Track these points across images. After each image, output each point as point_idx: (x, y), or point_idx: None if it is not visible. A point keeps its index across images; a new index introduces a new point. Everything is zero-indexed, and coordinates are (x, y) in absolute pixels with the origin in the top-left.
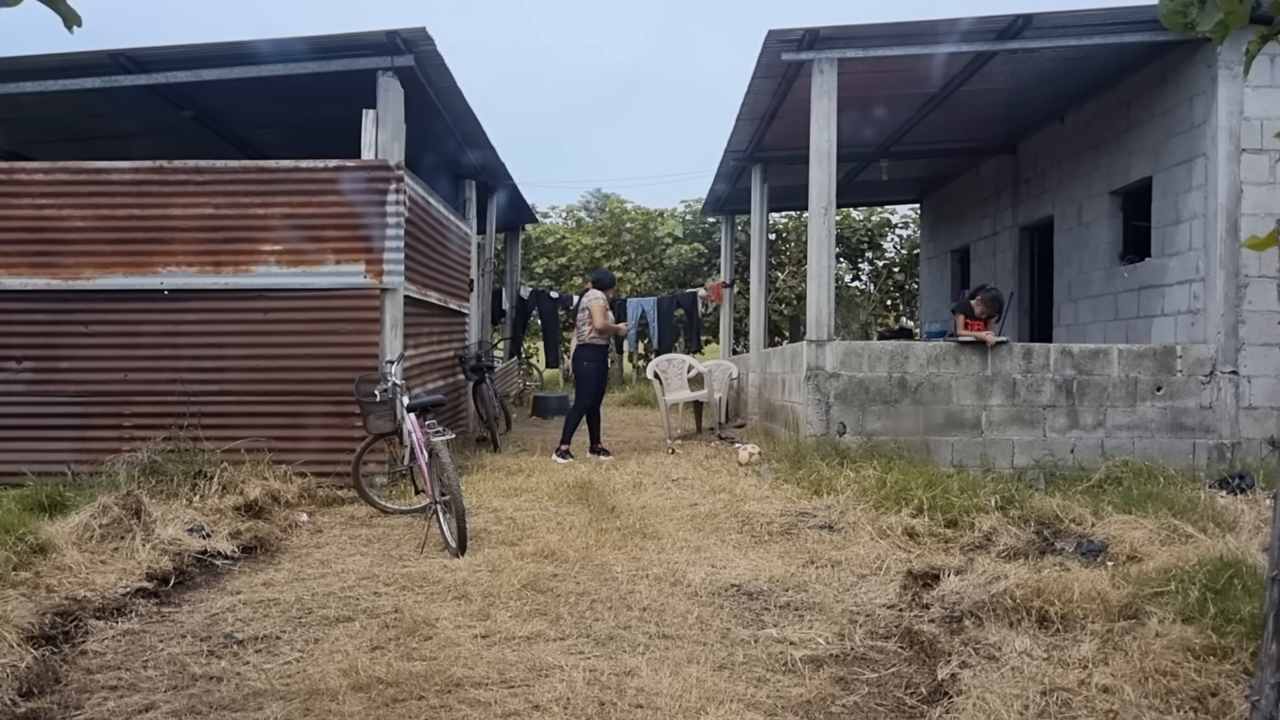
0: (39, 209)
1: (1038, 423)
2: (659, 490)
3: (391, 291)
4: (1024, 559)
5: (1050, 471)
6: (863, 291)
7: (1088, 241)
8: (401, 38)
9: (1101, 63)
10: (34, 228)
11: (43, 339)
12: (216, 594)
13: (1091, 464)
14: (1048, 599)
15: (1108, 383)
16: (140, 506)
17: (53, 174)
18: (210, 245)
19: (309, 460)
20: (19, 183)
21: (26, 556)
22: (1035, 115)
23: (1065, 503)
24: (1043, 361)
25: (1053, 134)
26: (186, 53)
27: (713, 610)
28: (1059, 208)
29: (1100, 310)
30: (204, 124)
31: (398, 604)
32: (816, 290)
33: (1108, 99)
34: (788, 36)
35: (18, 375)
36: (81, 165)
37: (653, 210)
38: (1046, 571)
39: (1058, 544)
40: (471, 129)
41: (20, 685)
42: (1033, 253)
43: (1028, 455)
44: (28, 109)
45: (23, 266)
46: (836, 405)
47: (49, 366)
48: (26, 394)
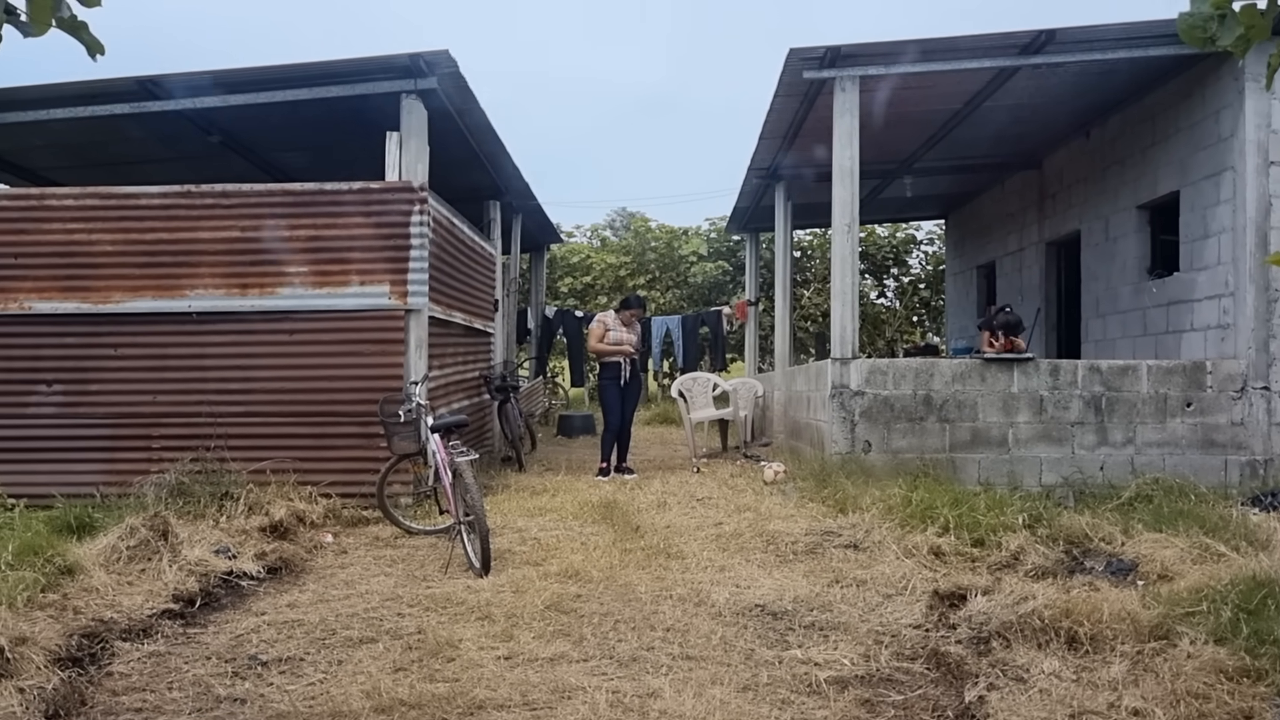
0: (69, 233)
1: (1066, 440)
2: (684, 509)
3: (416, 312)
4: (1052, 578)
5: (1079, 489)
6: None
7: (1115, 256)
8: (425, 60)
9: (1126, 77)
10: (65, 252)
11: (73, 361)
12: (242, 615)
13: (1121, 481)
14: (1077, 619)
15: (1137, 399)
16: (167, 528)
17: (83, 199)
18: (237, 268)
19: (334, 481)
20: (50, 208)
21: (55, 578)
22: (1060, 130)
23: (1094, 521)
24: (1070, 378)
25: (1078, 149)
26: (213, 78)
27: (737, 630)
28: (1086, 223)
29: (1129, 326)
30: (230, 148)
31: (421, 625)
32: (840, 308)
33: (1133, 113)
34: (809, 55)
35: (48, 398)
36: (111, 190)
37: (677, 228)
38: (1075, 591)
39: (1087, 563)
40: (495, 149)
41: (47, 707)
42: (1059, 268)
43: (1056, 473)
44: (58, 135)
45: (53, 290)
46: (862, 423)
47: (79, 389)
48: (57, 416)
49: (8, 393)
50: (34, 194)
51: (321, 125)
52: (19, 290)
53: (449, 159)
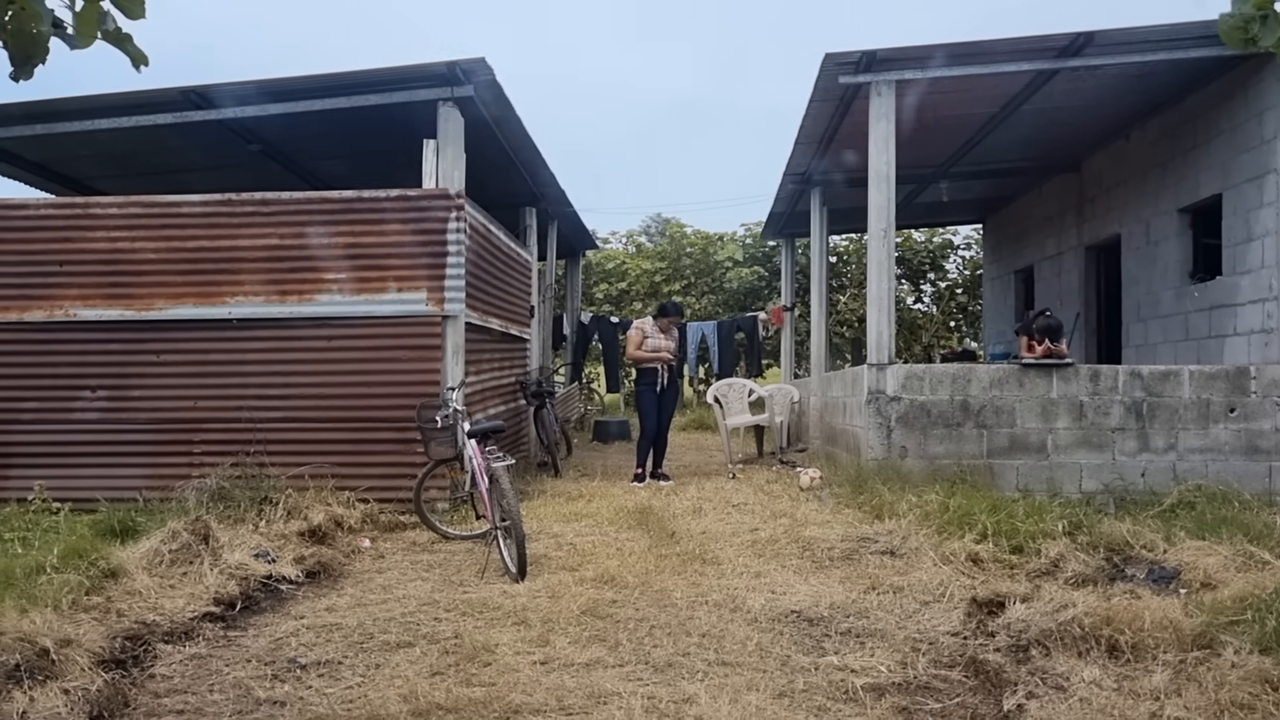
0: (113, 242)
1: (1106, 446)
2: (719, 515)
3: (453, 319)
4: (1093, 586)
5: (1120, 496)
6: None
7: (1156, 260)
8: (461, 68)
9: (1167, 79)
10: (109, 260)
11: (116, 368)
12: (281, 618)
13: (1163, 488)
14: (1118, 627)
15: (1179, 404)
16: (208, 532)
17: (126, 208)
18: (276, 275)
19: (371, 486)
20: (95, 216)
21: (98, 581)
22: (1099, 133)
23: (1135, 528)
24: (1111, 383)
25: (1118, 151)
26: (254, 88)
27: (772, 637)
28: (1126, 226)
29: (1170, 330)
30: (270, 157)
31: (458, 629)
32: (877, 313)
33: (1174, 115)
34: (845, 59)
35: (93, 403)
36: (154, 199)
37: (712, 234)
38: (1116, 599)
39: (1128, 571)
40: (530, 156)
41: (91, 708)
42: (1099, 272)
43: (1096, 479)
44: (103, 145)
45: (98, 298)
46: (898, 429)
47: (122, 395)
48: (101, 421)
49: (54, 398)
50: (79, 203)
51: (360, 133)
52: (65, 298)
53: (485, 166)
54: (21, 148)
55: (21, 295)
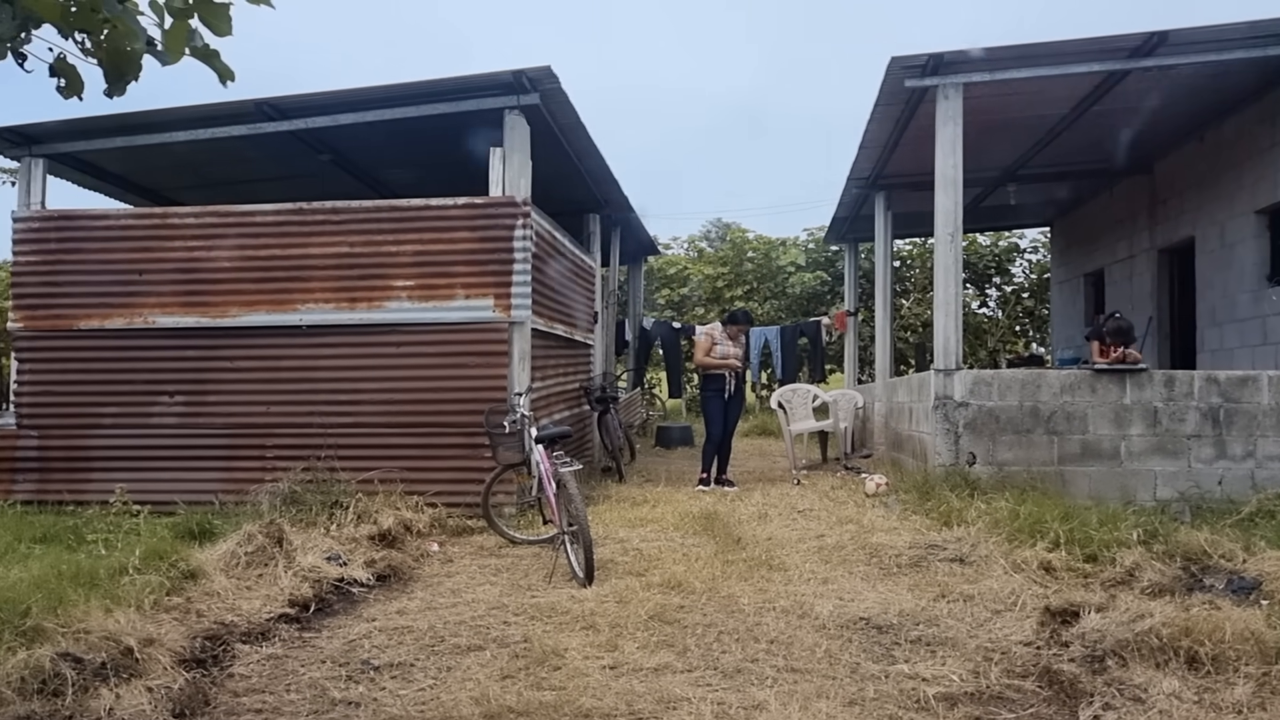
0: (190, 251)
1: (1181, 453)
2: (785, 521)
3: (519, 325)
4: (1170, 596)
5: (1196, 504)
6: (990, 318)
7: (1232, 263)
8: (527, 77)
9: (1243, 77)
10: (185, 268)
11: (193, 374)
12: (353, 621)
13: (1241, 496)
14: (1197, 639)
15: (1257, 411)
16: (282, 535)
17: (203, 217)
18: (346, 282)
19: (440, 491)
20: (172, 226)
21: (178, 582)
22: (1173, 134)
23: (1213, 537)
24: (1186, 389)
25: (1192, 152)
26: (325, 99)
27: (841, 644)
28: (1200, 229)
29: (1247, 335)
30: (339, 166)
31: (527, 633)
32: (944, 318)
33: (1251, 114)
34: (911, 63)
35: (170, 408)
36: (229, 209)
37: (774, 239)
38: (1195, 610)
39: (1206, 581)
40: (595, 163)
41: (173, 706)
42: (1172, 276)
43: (1171, 487)
44: (180, 156)
45: (175, 305)
46: (966, 435)
47: (198, 400)
48: (178, 426)
49: (133, 403)
50: (158, 213)
51: (427, 142)
52: (144, 305)
53: (550, 173)
54: (104, 160)
55: (103, 303)
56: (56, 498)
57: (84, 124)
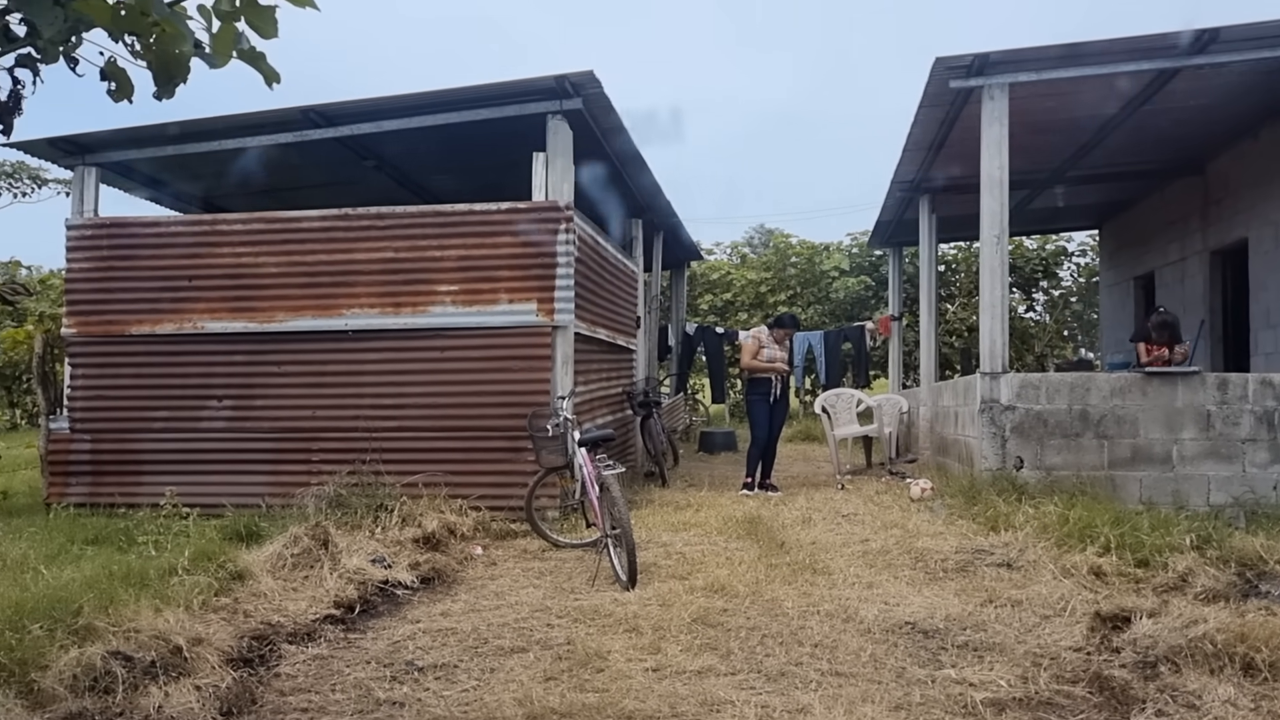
0: (238, 257)
1: (1236, 457)
2: (829, 525)
3: (562, 329)
4: (1224, 602)
5: (1250, 509)
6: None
7: None
8: (570, 82)
9: None
10: (233, 274)
11: (241, 378)
12: (398, 622)
13: None
14: (1253, 645)
15: None
16: (327, 537)
17: (250, 224)
18: (390, 287)
19: (483, 494)
20: (221, 233)
21: (226, 583)
22: (1225, 133)
23: (1269, 542)
24: (1240, 392)
25: (1246, 151)
26: (370, 106)
27: (887, 648)
28: (1254, 229)
29: None
30: (384, 172)
31: (570, 636)
32: (990, 321)
33: None
34: (956, 64)
35: (219, 412)
36: (275, 215)
37: (818, 244)
38: (1251, 615)
39: (1261, 587)
40: (637, 168)
41: (221, 705)
42: (1225, 278)
43: (1225, 492)
44: (228, 164)
45: (223, 310)
46: (1012, 439)
47: (245, 404)
48: (226, 430)
49: (183, 408)
50: (207, 219)
51: (470, 147)
52: (193, 311)
53: (592, 178)
54: (153, 168)
55: (153, 309)
56: (108, 500)
57: (135, 133)
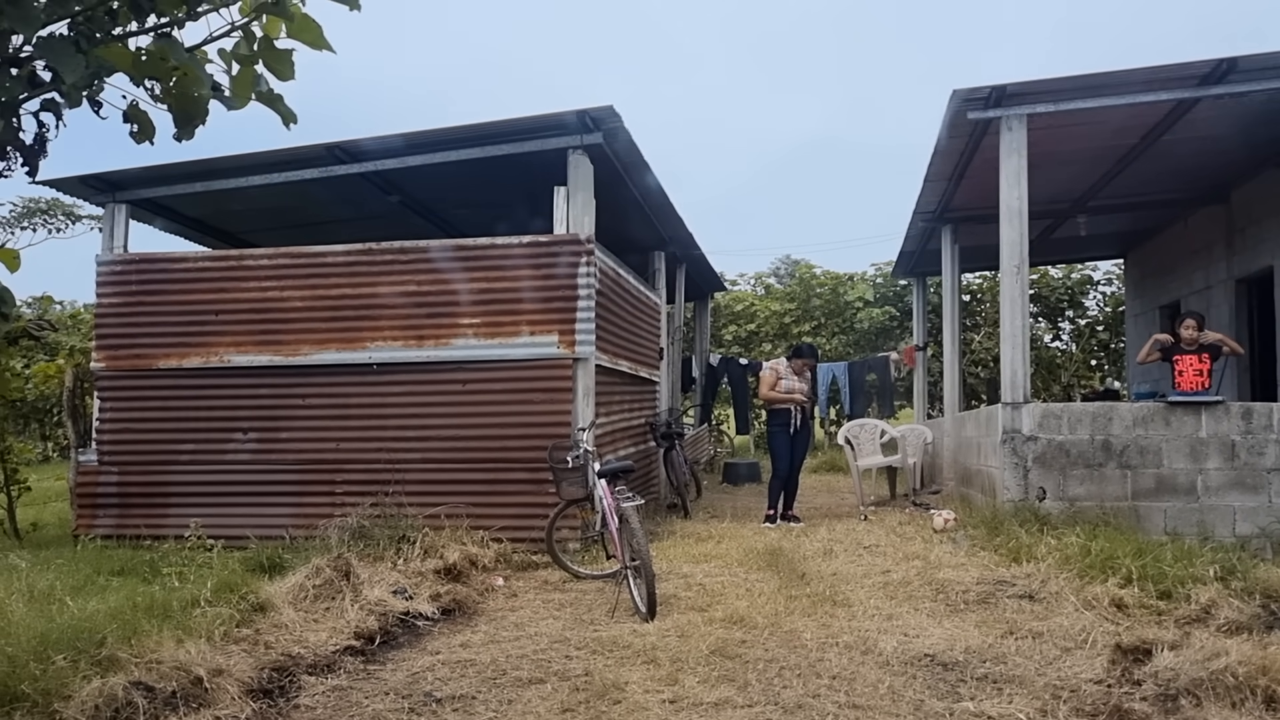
0: (264, 291)
1: (1262, 488)
2: (850, 557)
3: (583, 361)
4: (1247, 634)
5: (1277, 540)
6: (1064, 352)
7: None
8: (590, 117)
9: None
10: (259, 308)
11: (266, 411)
12: (417, 654)
13: None
14: (1275, 677)
15: None
16: (349, 568)
17: (276, 259)
18: (413, 320)
19: (505, 526)
20: (247, 268)
21: (248, 614)
22: (1249, 161)
23: None
24: (1265, 422)
25: (1270, 180)
26: (394, 142)
27: (905, 680)
28: (1279, 258)
29: None
30: (407, 206)
31: (588, 667)
32: (1011, 351)
33: None
34: (974, 95)
35: (244, 445)
36: (301, 250)
37: (842, 274)
38: (1273, 648)
39: None
40: (659, 201)
41: None
42: (1251, 307)
43: (1251, 523)
44: (254, 200)
45: (249, 344)
46: (1035, 469)
47: (270, 437)
48: (251, 462)
49: (209, 440)
50: (233, 255)
51: (493, 181)
52: (219, 345)
53: (614, 211)
54: (181, 204)
55: (181, 343)
56: (135, 532)
57: (164, 170)
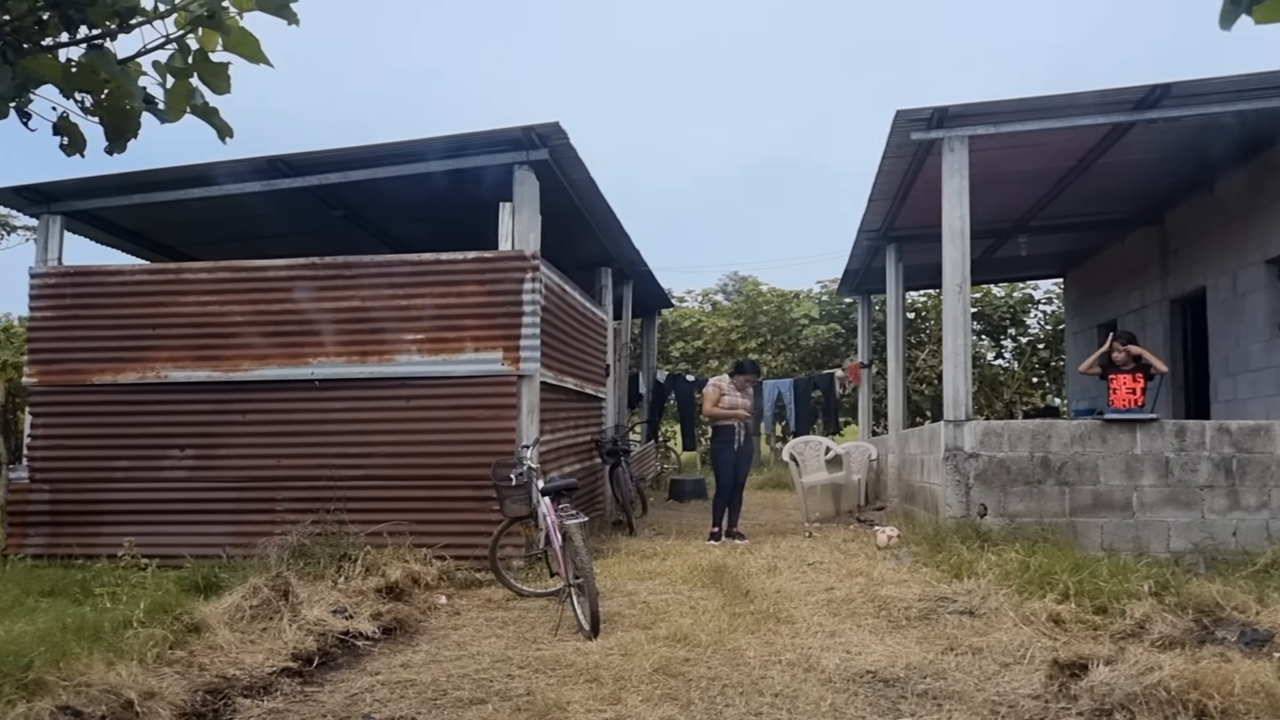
0: (203, 305)
1: (1194, 504)
2: (794, 574)
3: (528, 378)
4: (1180, 648)
5: (1210, 556)
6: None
7: (1244, 313)
8: (536, 133)
9: (1249, 128)
10: (199, 323)
11: (204, 428)
12: (357, 674)
13: (1256, 547)
14: (1206, 691)
15: (1271, 461)
16: (288, 588)
17: (216, 272)
18: (357, 336)
19: (448, 544)
20: (186, 281)
21: (182, 635)
22: (1182, 184)
23: (1226, 589)
24: (1198, 439)
25: (1201, 203)
26: (337, 156)
27: (847, 698)
28: (1211, 279)
29: (1260, 385)
30: (352, 221)
31: (530, 687)
32: (953, 369)
33: (1260, 165)
34: (916, 116)
35: (181, 462)
36: (241, 264)
37: (788, 291)
38: (1205, 662)
39: (1218, 633)
40: (605, 218)
41: None
42: (1185, 326)
43: (1184, 538)
44: (194, 213)
45: (188, 360)
46: (976, 486)
47: (209, 454)
48: (188, 480)
49: (145, 457)
50: (172, 268)
51: (438, 197)
52: (156, 360)
53: (561, 227)
54: (119, 216)
55: (116, 358)
56: (66, 551)
57: (100, 182)
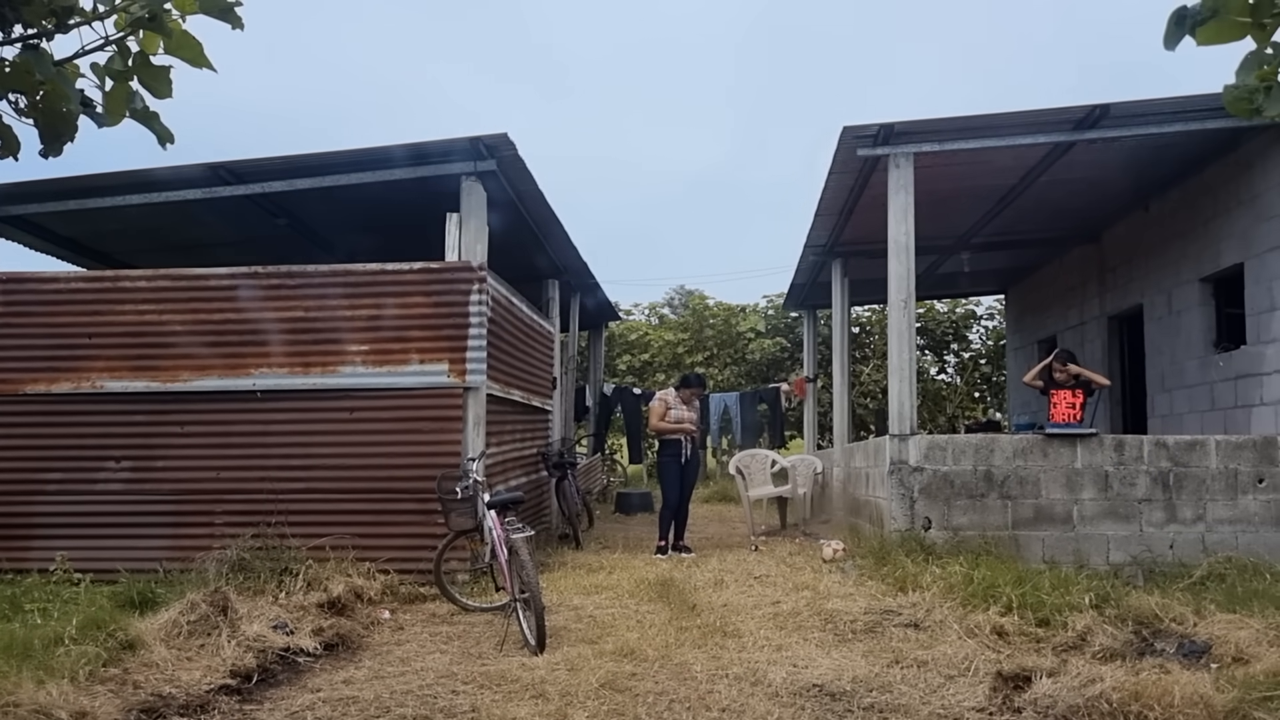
0: (141, 314)
1: (1133, 517)
2: (741, 588)
3: (474, 390)
4: (1121, 660)
5: (1148, 568)
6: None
7: (1179, 330)
8: (484, 144)
9: (1184, 150)
10: (136, 332)
11: (141, 439)
12: (297, 691)
13: (1192, 560)
14: (1146, 703)
15: (1206, 475)
16: (227, 603)
17: (155, 281)
18: (300, 347)
19: (392, 558)
20: (123, 289)
21: (116, 652)
22: (1119, 203)
23: (1165, 601)
24: (1136, 453)
25: (1138, 222)
26: (281, 164)
27: (794, 711)
28: (1148, 296)
29: (1196, 400)
30: (297, 230)
31: (475, 703)
32: (898, 383)
33: (1193, 185)
34: (863, 132)
35: (116, 474)
36: (181, 272)
37: (735, 305)
38: (1145, 673)
39: (1157, 644)
40: (553, 230)
41: None
42: (1122, 342)
43: (1123, 551)
44: (133, 220)
45: (124, 370)
46: (921, 500)
47: (146, 466)
48: (124, 492)
49: (78, 469)
50: (108, 276)
51: (384, 207)
52: (92, 370)
53: (508, 239)
54: (53, 223)
55: (50, 367)
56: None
57: (34, 186)
